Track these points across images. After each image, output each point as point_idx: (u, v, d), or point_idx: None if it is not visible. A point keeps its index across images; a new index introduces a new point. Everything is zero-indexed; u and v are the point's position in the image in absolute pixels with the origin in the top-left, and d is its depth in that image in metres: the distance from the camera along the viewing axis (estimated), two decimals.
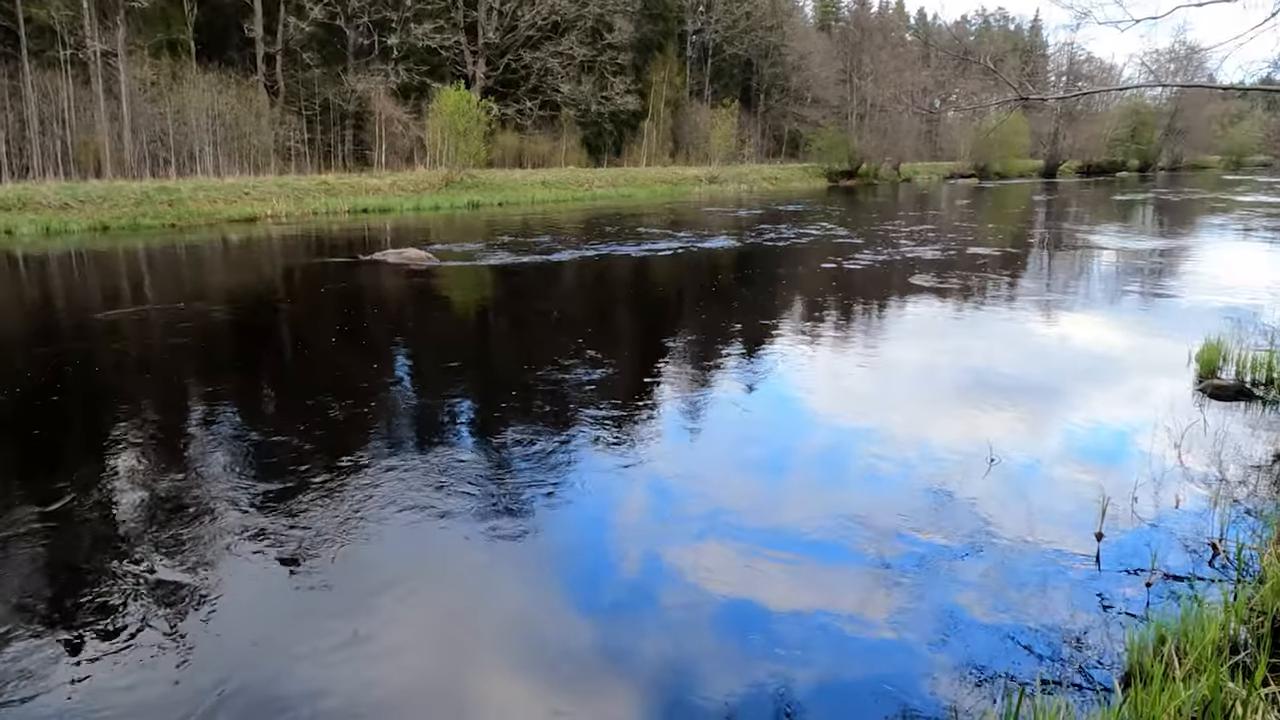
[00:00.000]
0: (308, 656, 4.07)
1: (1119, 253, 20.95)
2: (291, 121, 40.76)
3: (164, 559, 4.97)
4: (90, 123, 33.46)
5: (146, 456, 6.71)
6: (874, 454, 6.84)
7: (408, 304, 14.33)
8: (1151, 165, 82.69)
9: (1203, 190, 50.58)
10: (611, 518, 5.75)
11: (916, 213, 34.35)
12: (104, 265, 18.64)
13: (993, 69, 12.07)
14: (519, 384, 9.13)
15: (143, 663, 4.01)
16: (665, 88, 56.04)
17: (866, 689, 3.85)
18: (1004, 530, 5.39)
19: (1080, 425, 7.61)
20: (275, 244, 22.64)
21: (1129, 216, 33.45)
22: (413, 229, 26.28)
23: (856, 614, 4.46)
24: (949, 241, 22.98)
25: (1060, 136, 73.48)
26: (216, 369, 9.75)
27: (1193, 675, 3.36)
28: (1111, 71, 74.68)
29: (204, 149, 35.44)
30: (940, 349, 10.72)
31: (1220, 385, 8.44)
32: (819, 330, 11.89)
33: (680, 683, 3.90)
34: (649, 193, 44.30)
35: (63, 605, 4.50)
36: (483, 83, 47.81)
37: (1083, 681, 3.82)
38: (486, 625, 4.46)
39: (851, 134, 60.49)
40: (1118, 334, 11.45)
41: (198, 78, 35.94)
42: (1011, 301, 14.20)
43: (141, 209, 26.31)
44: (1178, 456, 6.62)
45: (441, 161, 38.08)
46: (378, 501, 5.78)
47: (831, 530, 5.45)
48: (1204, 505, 5.75)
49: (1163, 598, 4.53)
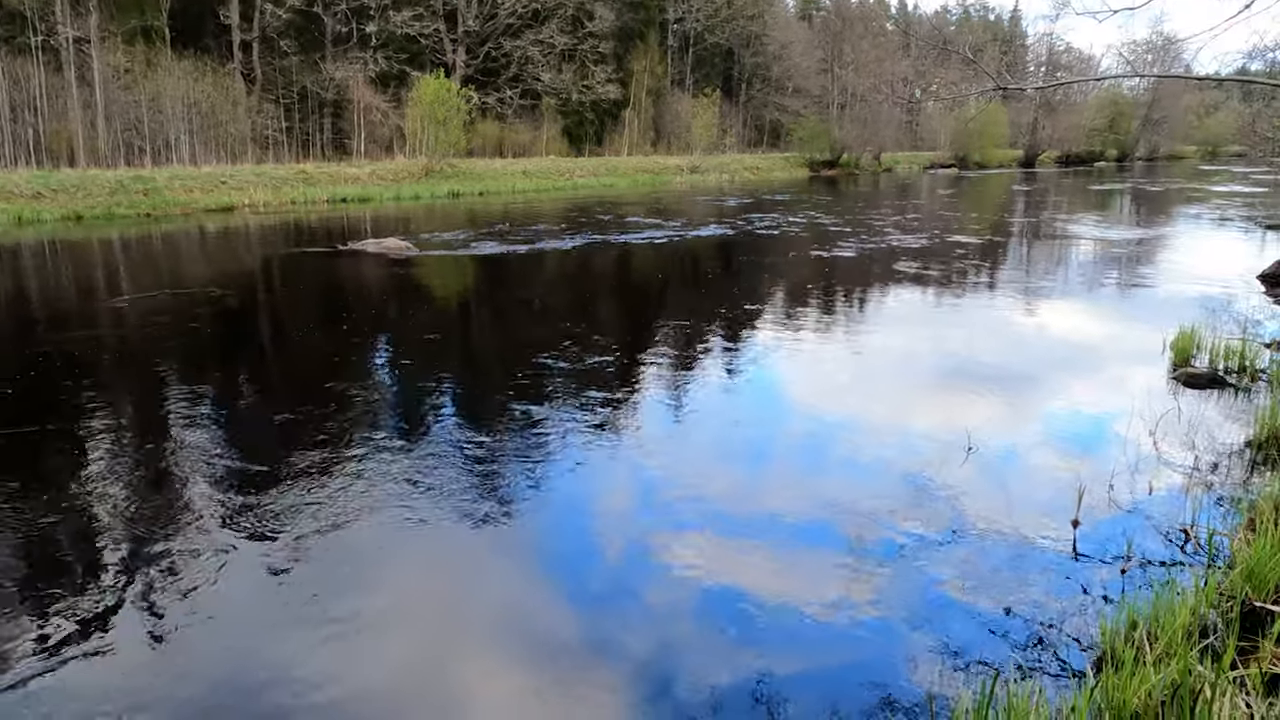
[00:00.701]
0: (290, 642, 4.05)
1: (1096, 242, 21.15)
2: (269, 110, 40.30)
3: (150, 545, 4.93)
4: (63, 110, 32.93)
5: (126, 447, 6.64)
6: (855, 441, 6.89)
7: (389, 294, 14.24)
8: (1129, 155, 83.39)
9: (1179, 180, 51.10)
10: (595, 505, 5.76)
11: (898, 202, 34.49)
12: (78, 255, 18.40)
13: (972, 59, 12.14)
14: (501, 373, 9.11)
15: (137, 647, 3.98)
16: (646, 77, 55.86)
17: (845, 674, 3.89)
18: (982, 517, 5.44)
19: (1058, 413, 7.70)
20: (253, 233, 22.42)
21: (1107, 206, 33.75)
22: (393, 218, 26.09)
23: (836, 600, 4.50)
24: (930, 231, 23.10)
25: (1039, 126, 73.95)
26: (196, 360, 9.65)
27: (1163, 659, 3.41)
28: (1090, 62, 75.32)
29: (180, 137, 35.00)
30: (921, 337, 10.79)
31: (1194, 373, 8.55)
32: (802, 319, 11.93)
33: (663, 668, 3.92)
34: (630, 182, 44.21)
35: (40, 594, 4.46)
36: (463, 71, 47.47)
37: (1057, 666, 3.87)
38: (471, 612, 4.46)
39: (833, 124, 60.54)
40: (1095, 323, 11.57)
41: (173, 65, 35.44)
42: (991, 290, 14.31)
43: (116, 198, 25.96)
44: (1153, 444, 6.71)
45: (421, 151, 37.80)
46: (360, 489, 5.75)
47: (812, 517, 5.49)
48: (1178, 492, 5.83)
49: (1136, 583, 4.59)
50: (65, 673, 3.86)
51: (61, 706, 3.64)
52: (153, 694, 3.73)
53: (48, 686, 3.76)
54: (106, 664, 3.94)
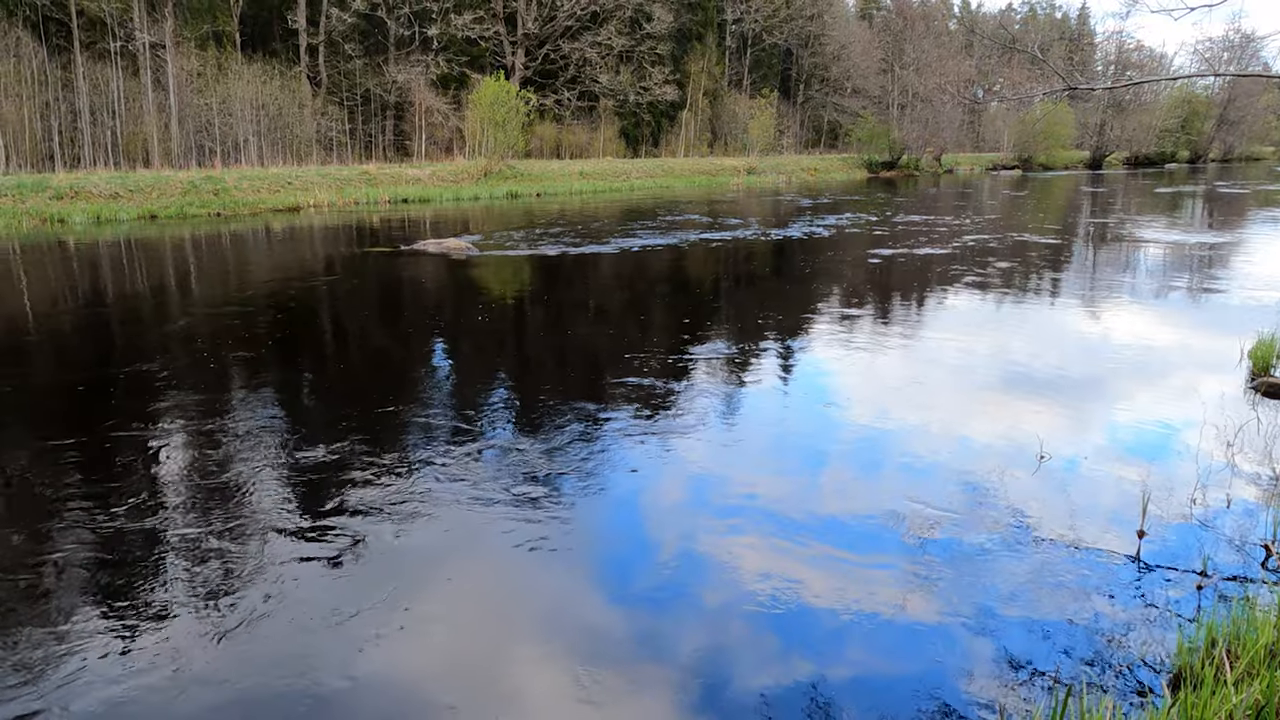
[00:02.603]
0: (346, 634, 4.14)
1: (1167, 246, 20.47)
2: (333, 112, 41.28)
3: (212, 533, 5.09)
4: (139, 113, 34.17)
5: (193, 439, 6.86)
6: (915, 446, 6.78)
7: (450, 294, 14.45)
8: (1202, 156, 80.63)
9: (1255, 182, 49.19)
10: (650, 505, 5.77)
11: (959, 204, 33.85)
12: (153, 253, 19.05)
13: (1040, 58, 11.86)
14: (561, 373, 9.19)
15: (196, 628, 4.12)
16: (704, 78, 55.80)
17: (906, 684, 3.82)
18: (1046, 526, 5.31)
19: (1126, 422, 7.46)
20: (318, 233, 22.96)
21: (1178, 209, 32.66)
22: (452, 219, 26.48)
23: (896, 608, 4.43)
24: (993, 234, 22.62)
25: (1107, 127, 71.91)
26: (264, 355, 9.92)
27: (1244, 679, 3.29)
28: (1162, 60, 72.93)
29: (248, 139, 36.02)
30: (984, 342, 10.57)
31: (1273, 383, 8.22)
32: (860, 323, 11.78)
33: (715, 672, 3.90)
34: (687, 184, 44.17)
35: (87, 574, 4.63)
36: (521, 73, 48.01)
37: (1129, 683, 3.76)
38: (524, 609, 4.49)
39: (892, 124, 59.75)
40: (1166, 329, 11.20)
41: (242, 69, 36.53)
42: (1056, 295, 13.95)
43: (188, 198, 26.84)
44: (1228, 455, 6.47)
45: (480, 151, 38.31)
46: (419, 484, 5.86)
47: (871, 522, 5.42)
48: (1256, 506, 5.62)
49: (1212, 599, 4.44)
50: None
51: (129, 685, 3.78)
52: (213, 670, 3.85)
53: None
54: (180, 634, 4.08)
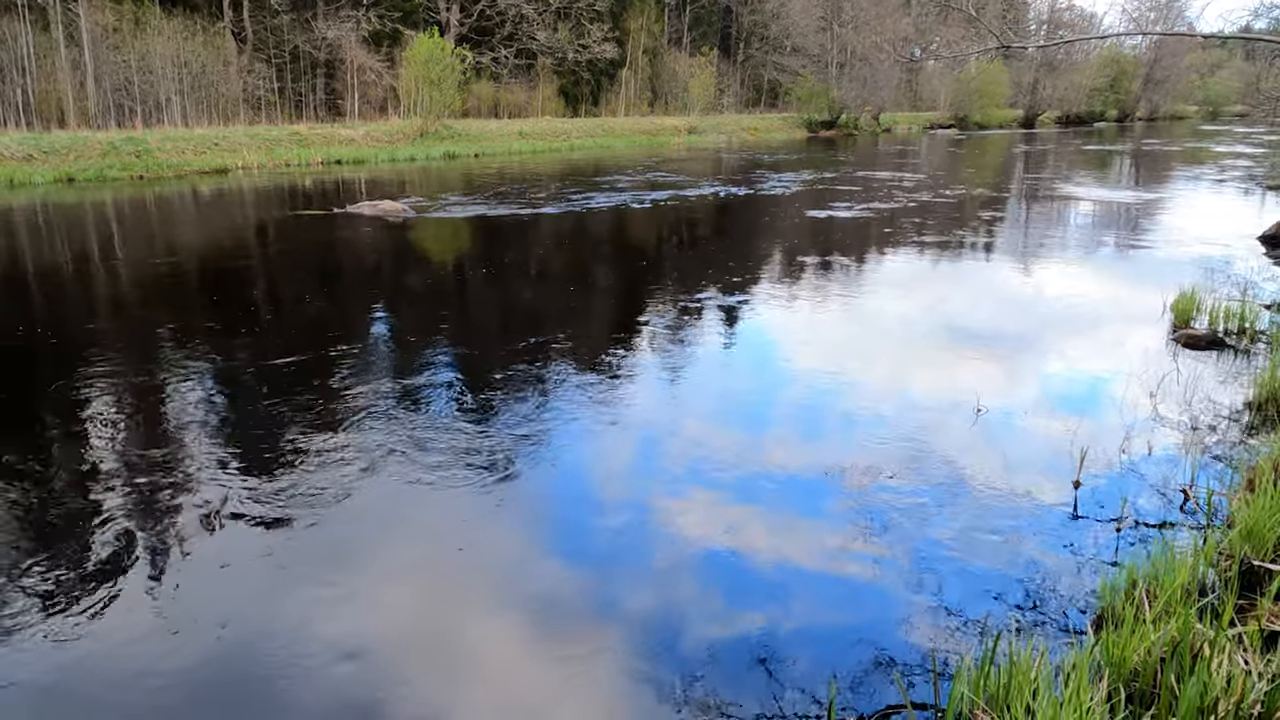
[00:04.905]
0: (294, 606, 4.08)
1: (1096, 203, 21.04)
2: (260, 70, 39.71)
3: (146, 509, 4.95)
4: (51, 71, 32.44)
5: (124, 408, 6.63)
6: (852, 403, 6.90)
7: (387, 256, 14.15)
8: (1130, 115, 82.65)
9: (1180, 140, 50.70)
10: (593, 466, 5.78)
11: (897, 163, 34.21)
12: (72, 218, 18.23)
13: (975, 16, 11.97)
14: (501, 336, 9.09)
15: (137, 608, 4.02)
16: (643, 35, 55.09)
17: (846, 633, 3.92)
18: (981, 478, 5.47)
19: (1057, 375, 7.71)
20: (248, 196, 22.22)
21: (1106, 167, 33.52)
22: (388, 180, 25.87)
23: (837, 560, 4.53)
24: (929, 192, 22.95)
25: (1040, 86, 73.12)
26: (194, 323, 9.60)
27: (1162, 617, 3.45)
28: (1092, 20, 74.34)
29: (171, 99, 34.53)
30: (919, 299, 10.77)
31: (1194, 335, 8.55)
32: (798, 281, 11.89)
33: (661, 628, 3.94)
34: (628, 143, 43.79)
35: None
36: (457, 30, 46.76)
37: (1057, 625, 3.91)
38: (472, 574, 4.48)
39: (831, 83, 59.80)
40: (1094, 284, 11.54)
41: (162, 24, 34.86)
42: (990, 252, 14.25)
43: (108, 160, 25.67)
44: (1152, 405, 6.73)
45: (415, 111, 37.35)
46: (360, 452, 5.77)
47: (810, 478, 5.51)
48: (1177, 453, 5.86)
49: (1134, 543, 4.63)
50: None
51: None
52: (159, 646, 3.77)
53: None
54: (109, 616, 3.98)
